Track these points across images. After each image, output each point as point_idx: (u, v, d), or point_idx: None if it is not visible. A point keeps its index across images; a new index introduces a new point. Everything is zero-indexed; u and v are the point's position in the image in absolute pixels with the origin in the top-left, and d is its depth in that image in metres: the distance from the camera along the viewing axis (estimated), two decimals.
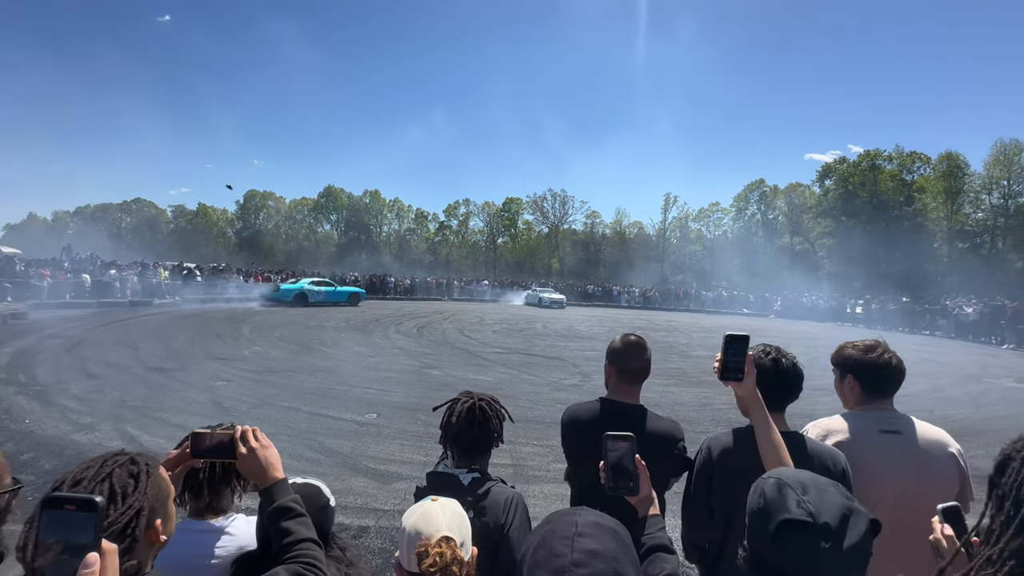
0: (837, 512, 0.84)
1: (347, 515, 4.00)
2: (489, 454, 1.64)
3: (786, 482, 0.91)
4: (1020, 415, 7.86)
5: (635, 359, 1.85)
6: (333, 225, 73.32)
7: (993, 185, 44.14)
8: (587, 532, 0.83)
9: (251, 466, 1.17)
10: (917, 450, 1.62)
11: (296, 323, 16.59)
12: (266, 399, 7.19)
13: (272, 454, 1.20)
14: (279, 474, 1.18)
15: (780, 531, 0.85)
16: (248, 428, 1.21)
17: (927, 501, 1.63)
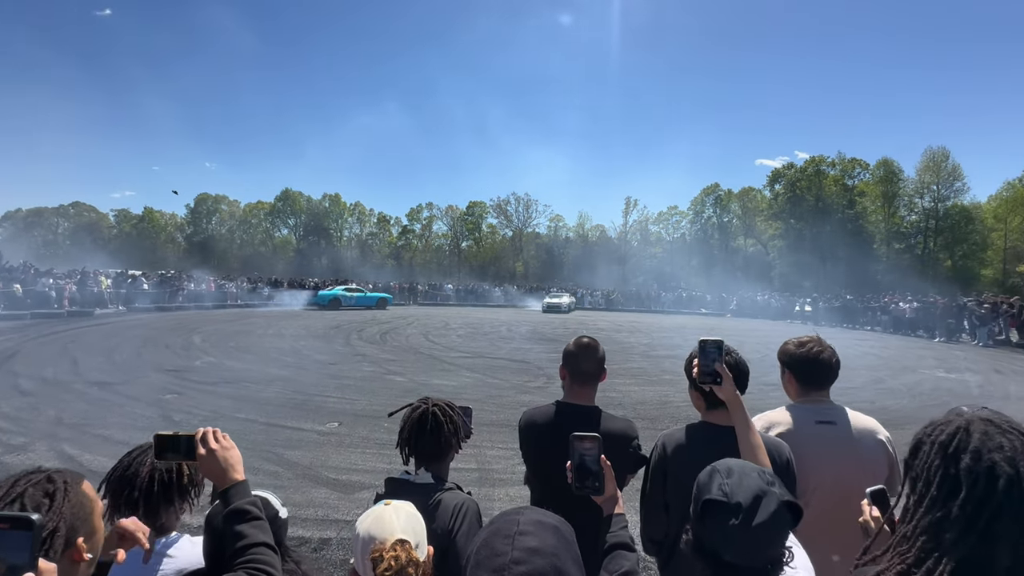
0: (750, 494, 0.91)
1: (308, 528, 3.90)
2: (447, 460, 1.65)
3: (717, 468, 0.99)
4: (951, 403, 8.43)
5: (586, 361, 1.90)
6: (291, 229, 71.19)
7: (924, 190, 47.49)
8: (528, 530, 0.84)
9: (211, 467, 1.15)
10: (850, 438, 1.74)
11: (252, 332, 16.00)
12: (220, 411, 6.91)
13: (233, 455, 1.18)
14: (239, 476, 1.16)
15: (703, 511, 0.93)
16: (210, 429, 1.19)
17: (860, 485, 1.74)
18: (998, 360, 14.03)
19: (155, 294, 25.52)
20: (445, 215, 71.93)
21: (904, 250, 49.41)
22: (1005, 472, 0.75)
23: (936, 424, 0.87)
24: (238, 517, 1.09)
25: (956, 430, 0.82)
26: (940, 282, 44.37)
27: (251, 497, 1.14)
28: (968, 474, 0.78)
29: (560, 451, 1.81)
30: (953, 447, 0.81)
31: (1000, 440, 0.78)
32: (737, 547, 0.90)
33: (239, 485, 1.15)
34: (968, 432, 0.81)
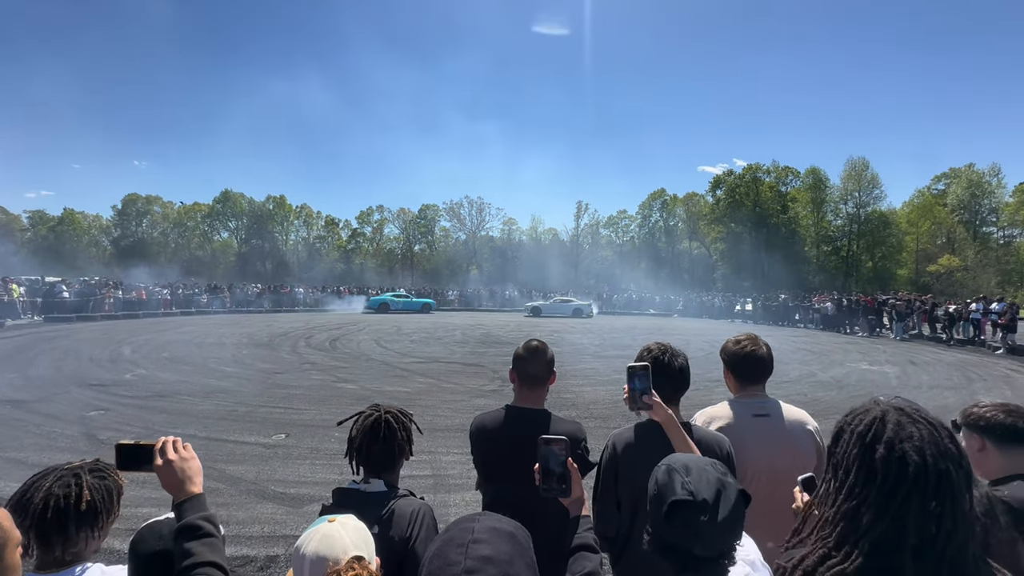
0: (712, 488, 0.97)
1: (253, 546, 3.72)
2: (398, 467, 1.62)
3: (673, 467, 1.03)
4: (874, 393, 9.17)
5: (534, 364, 1.92)
6: (232, 233, 67.61)
7: (848, 196, 51.38)
8: (482, 538, 0.84)
9: (168, 478, 1.12)
10: (783, 429, 1.87)
11: (188, 341, 15.07)
12: (153, 427, 6.46)
13: (192, 466, 1.15)
14: (196, 489, 1.12)
15: (670, 512, 0.96)
16: (171, 438, 1.17)
17: (791, 473, 1.86)
18: (913, 352, 15.37)
19: (77, 303, 23.50)
20: (397, 218, 70.62)
21: (831, 252, 53.22)
22: (914, 460, 0.80)
23: (855, 413, 0.91)
24: (188, 533, 1.04)
25: (872, 420, 0.87)
26: (863, 282, 48.22)
27: (206, 512, 1.09)
28: (883, 463, 0.82)
29: (510, 455, 1.83)
30: (870, 437, 0.85)
31: (911, 430, 0.83)
32: (707, 541, 0.95)
33: (194, 499, 1.10)
34: (883, 422, 0.85)
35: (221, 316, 27.34)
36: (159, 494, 4.35)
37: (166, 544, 1.15)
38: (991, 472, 1.42)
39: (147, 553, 1.15)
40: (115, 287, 27.96)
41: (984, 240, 49.32)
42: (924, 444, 0.81)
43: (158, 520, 1.23)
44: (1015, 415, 1.43)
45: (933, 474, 0.79)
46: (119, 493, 1.34)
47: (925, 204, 50.75)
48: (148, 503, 4.27)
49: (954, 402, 8.52)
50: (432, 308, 32.80)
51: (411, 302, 32.19)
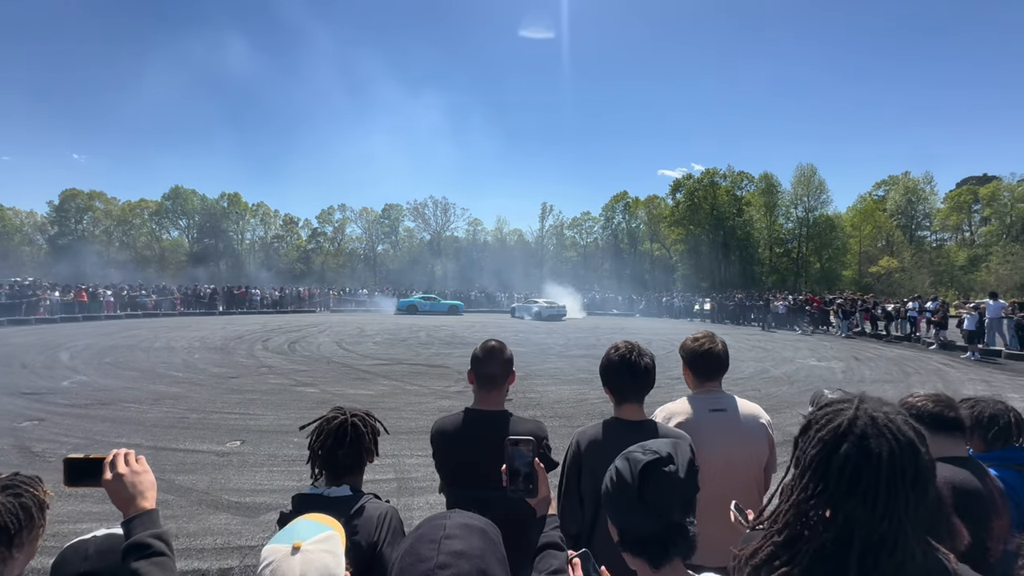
0: (667, 445, 1.02)
1: (205, 559, 3.55)
2: (362, 471, 1.59)
3: (628, 451, 1.05)
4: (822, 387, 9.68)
5: (491, 364, 1.91)
6: (183, 231, 64.47)
7: (798, 201, 53.97)
8: (454, 534, 0.84)
9: (118, 493, 1.06)
10: (738, 423, 1.94)
11: (134, 346, 14.26)
12: (95, 437, 6.07)
13: (144, 480, 1.09)
14: (147, 504, 1.06)
15: (643, 479, 0.97)
16: (122, 451, 1.11)
17: (746, 464, 1.95)
18: (856, 349, 16.29)
19: (8, 305, 21.84)
20: (359, 217, 69.19)
21: (783, 254, 55.76)
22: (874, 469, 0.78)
23: (826, 411, 0.88)
24: (137, 552, 0.98)
25: (841, 422, 0.83)
26: (811, 282, 50.73)
27: (157, 529, 1.03)
28: (840, 466, 0.80)
29: (471, 459, 1.83)
30: (834, 437, 0.82)
31: (875, 443, 0.80)
32: (683, 497, 0.97)
33: (145, 515, 1.04)
34: (852, 424, 0.82)
35: (171, 319, 26.03)
36: (101, 508, 4.09)
37: (91, 565, 1.08)
38: None
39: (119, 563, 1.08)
40: (51, 288, 26.15)
41: (919, 243, 52.95)
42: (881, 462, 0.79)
43: (83, 540, 1.14)
44: (941, 405, 1.56)
45: (887, 483, 0.78)
46: (41, 508, 1.25)
47: (867, 209, 53.98)
48: (90, 518, 4.02)
49: (893, 394, 9.01)
50: (460, 310, 32.82)
51: (437, 304, 32.68)
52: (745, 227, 54.82)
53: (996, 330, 15.10)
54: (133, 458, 1.12)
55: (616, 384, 1.80)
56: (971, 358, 13.99)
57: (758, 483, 1.95)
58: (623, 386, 1.78)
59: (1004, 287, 36.84)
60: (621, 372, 1.77)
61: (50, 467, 5.10)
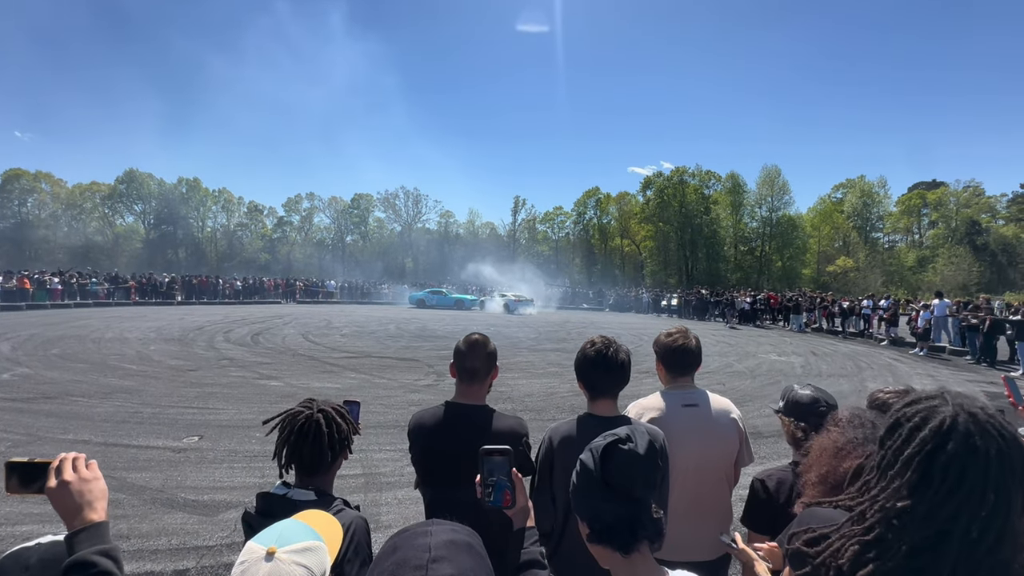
0: (625, 430, 1.03)
1: (159, 560, 3.38)
2: (332, 470, 1.50)
3: (590, 445, 1.05)
4: (781, 381, 10.03)
5: (474, 358, 1.86)
6: (138, 217, 61.44)
7: (762, 201, 55.73)
8: (441, 555, 0.77)
9: (62, 503, 0.96)
10: (710, 418, 1.95)
11: (84, 336, 13.50)
12: (38, 433, 5.71)
13: (93, 489, 0.99)
14: (95, 516, 0.96)
15: (604, 459, 0.98)
16: (70, 456, 1.02)
17: (719, 459, 1.97)
18: (814, 344, 16.97)
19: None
20: (328, 207, 67.55)
21: (747, 252, 57.56)
22: (980, 473, 0.76)
23: (918, 409, 0.84)
24: (78, 571, 0.89)
25: (941, 422, 0.80)
26: (773, 279, 52.57)
27: (105, 544, 0.93)
28: (943, 472, 0.78)
29: (450, 454, 1.78)
30: (934, 439, 0.79)
31: (978, 442, 0.77)
32: (644, 474, 0.96)
33: (91, 528, 0.94)
34: (952, 427, 0.79)
35: (125, 308, 24.80)
36: (44, 509, 3.84)
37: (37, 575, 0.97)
38: None
39: None
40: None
41: (873, 244, 55.53)
42: (990, 462, 0.77)
43: (26, 547, 1.04)
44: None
45: (993, 486, 0.75)
46: None
47: (826, 211, 56.23)
48: (31, 519, 3.77)
49: (848, 388, 9.49)
50: (468, 304, 31.87)
51: (446, 297, 32.40)
52: (712, 225, 56.27)
53: (942, 328, 15.98)
54: (83, 463, 1.03)
55: (591, 379, 1.77)
56: (919, 354, 14.78)
57: (728, 478, 1.97)
58: (598, 381, 1.76)
59: (948, 287, 39.09)
60: (596, 367, 1.75)
61: None
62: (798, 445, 1.68)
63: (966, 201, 51.58)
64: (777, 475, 1.68)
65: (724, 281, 50.36)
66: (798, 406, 1.76)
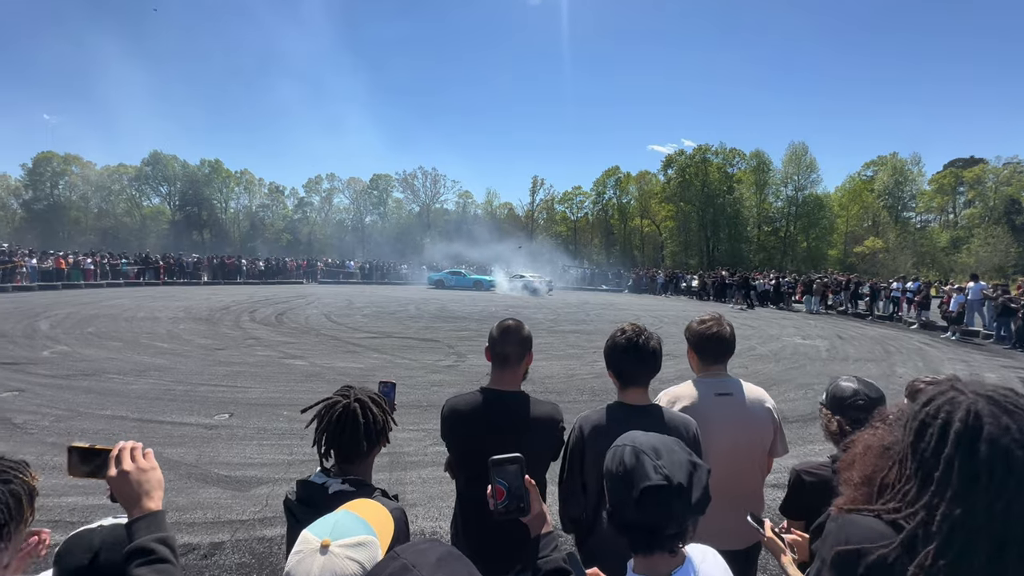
0: (685, 471, 0.97)
1: (195, 533, 3.52)
2: (370, 458, 1.51)
3: (641, 449, 1.00)
4: (806, 365, 9.86)
5: (507, 344, 1.84)
6: (164, 198, 62.69)
7: (788, 179, 54.05)
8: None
9: (121, 491, 0.99)
10: (744, 408, 1.91)
11: (117, 316, 13.97)
12: (78, 408, 5.96)
13: (151, 479, 1.02)
14: (153, 505, 0.99)
15: (643, 496, 0.94)
16: (129, 445, 1.04)
17: (751, 449, 1.93)
18: (840, 327, 16.59)
19: None
20: (347, 187, 67.87)
21: (771, 232, 56.12)
22: (1018, 458, 0.75)
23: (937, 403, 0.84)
24: (138, 557, 0.91)
25: (966, 414, 0.79)
26: (797, 261, 51.28)
27: (162, 533, 0.96)
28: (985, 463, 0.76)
29: (486, 441, 1.77)
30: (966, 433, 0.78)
31: (1006, 421, 0.77)
32: (679, 521, 0.96)
33: (149, 517, 0.97)
34: (978, 416, 0.79)
35: (154, 288, 25.54)
36: None
37: (96, 558, 1.01)
38: None
39: (72, 568, 1.00)
40: (29, 255, 25.40)
41: (904, 224, 53.55)
42: (1015, 434, 0.76)
43: (89, 528, 1.07)
44: None
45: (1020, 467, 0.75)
46: (29, 496, 1.17)
47: (855, 189, 54.28)
48: (75, 491, 3.95)
49: (876, 373, 9.28)
50: (487, 285, 31.79)
51: (464, 278, 32.46)
52: (735, 205, 54.86)
53: (976, 311, 15.44)
54: (140, 453, 1.05)
55: (622, 368, 1.74)
56: (951, 338, 14.34)
57: (761, 468, 1.94)
58: (629, 370, 1.73)
59: (983, 269, 37.56)
60: (627, 355, 1.72)
61: (32, 439, 5.01)
62: (836, 440, 1.63)
63: (1006, 179, 49.10)
64: (819, 472, 1.63)
65: (747, 262, 49.27)
66: (836, 399, 1.71)
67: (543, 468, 1.84)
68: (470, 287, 31.49)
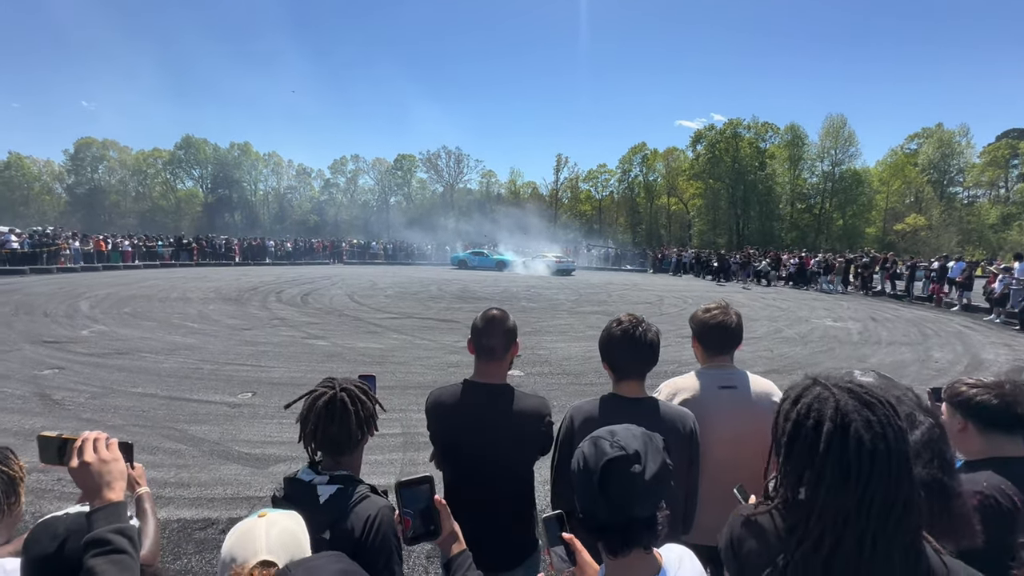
0: (639, 441, 0.98)
1: (216, 508, 3.66)
2: (359, 450, 1.47)
3: (598, 435, 1.01)
4: (835, 348, 9.51)
5: (491, 336, 1.78)
6: (197, 182, 64.42)
7: (825, 154, 51.67)
8: None
9: (83, 481, 1.01)
10: (749, 401, 1.82)
11: (152, 296, 14.52)
12: (112, 386, 6.23)
13: (111, 470, 1.02)
14: (113, 496, 0.99)
15: (604, 474, 0.94)
16: (92, 436, 1.05)
17: (755, 444, 1.84)
18: (874, 308, 15.94)
19: (30, 254, 22.28)
20: (372, 168, 68.32)
21: (804, 210, 54.02)
22: (867, 448, 0.82)
23: (803, 399, 0.91)
24: (94, 547, 0.91)
25: (823, 406, 0.87)
26: (832, 239, 49.35)
27: (120, 524, 0.96)
28: (837, 451, 0.84)
29: (469, 432, 1.75)
30: (823, 423, 0.86)
31: (866, 414, 0.84)
32: (644, 496, 0.93)
33: (109, 508, 0.97)
34: (837, 409, 0.86)
35: (187, 269, 26.44)
36: None
37: (61, 546, 1.02)
38: (969, 452, 1.39)
39: (38, 556, 1.02)
40: (72, 237, 26.57)
41: (950, 200, 50.70)
42: (876, 428, 0.83)
43: (55, 516, 1.09)
44: (1006, 399, 1.34)
45: (883, 459, 0.82)
46: (12, 482, 1.20)
47: (897, 163, 51.52)
48: None
49: (910, 357, 8.90)
50: (508, 265, 31.68)
51: (487, 258, 32.45)
52: (767, 181, 52.94)
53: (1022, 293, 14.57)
54: (103, 444, 1.05)
55: (615, 360, 1.67)
56: (994, 321, 13.61)
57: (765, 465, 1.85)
58: (623, 362, 1.66)
59: None
60: (622, 347, 1.64)
61: (69, 415, 5.27)
62: None
63: None
64: None
65: (778, 241, 47.72)
66: None
67: (529, 463, 1.80)
68: (492, 267, 31.35)
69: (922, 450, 1.02)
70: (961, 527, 1.03)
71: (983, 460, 1.34)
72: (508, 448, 1.70)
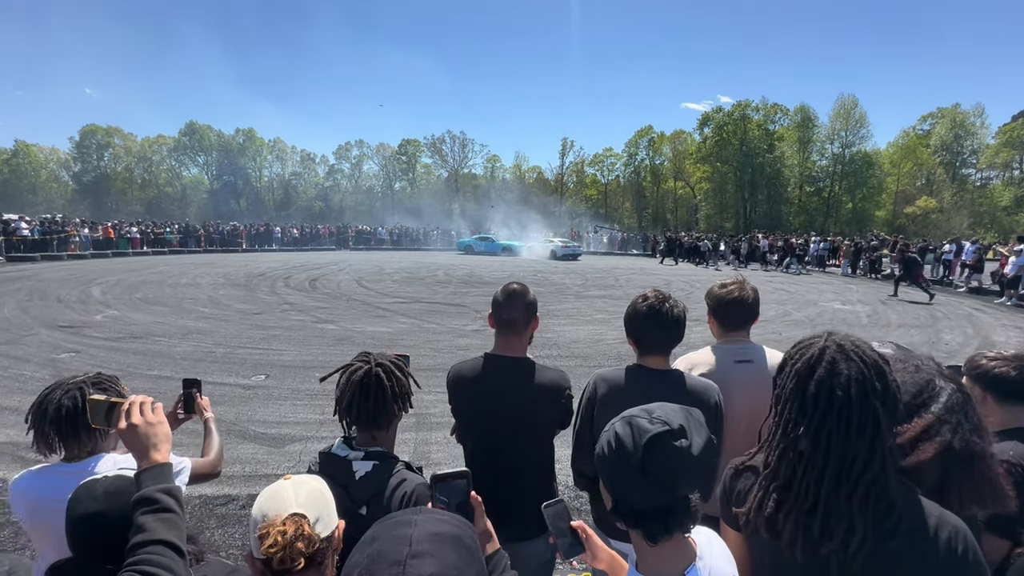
0: (680, 415, 0.92)
1: (235, 485, 3.75)
2: (393, 426, 1.47)
3: (631, 414, 0.94)
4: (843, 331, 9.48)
5: (512, 309, 1.78)
6: (202, 168, 64.39)
7: (835, 136, 50.78)
8: (422, 551, 0.70)
9: (132, 443, 1.05)
10: (765, 375, 1.83)
11: (162, 282, 14.66)
12: (128, 369, 6.34)
13: (158, 432, 1.06)
14: (160, 457, 1.04)
15: (647, 452, 0.86)
16: (138, 399, 1.10)
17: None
18: (883, 292, 15.83)
19: (40, 241, 22.47)
20: (376, 153, 67.96)
21: (813, 193, 53.31)
22: (838, 396, 0.89)
23: (799, 348, 1.01)
24: (143, 505, 0.95)
25: (811, 356, 0.95)
26: (841, 223, 48.79)
27: (167, 484, 1.00)
28: (812, 397, 0.92)
29: (490, 406, 1.78)
30: (805, 371, 0.94)
31: (842, 367, 0.91)
32: (691, 473, 0.88)
33: (156, 468, 1.01)
34: (820, 359, 0.93)
35: (195, 256, 26.61)
36: None
37: (100, 506, 1.07)
38: (990, 424, 1.40)
39: (81, 515, 1.07)
40: (82, 224, 26.75)
41: (962, 182, 49.82)
42: (851, 381, 0.89)
43: (95, 479, 1.14)
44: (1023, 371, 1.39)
45: (856, 409, 0.88)
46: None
47: (909, 145, 50.56)
48: None
49: (919, 339, 8.87)
50: (515, 250, 31.45)
51: (493, 244, 32.61)
52: (775, 164, 52.16)
53: None
54: (149, 408, 1.09)
55: (641, 335, 1.69)
56: (1005, 303, 13.50)
57: None
58: (649, 338, 1.67)
59: None
60: (648, 323, 1.65)
61: None
62: None
63: None
64: None
65: (786, 224, 47.20)
66: None
67: (550, 435, 1.83)
68: (498, 252, 31.34)
69: (947, 415, 1.04)
70: (992, 492, 1.02)
71: (1007, 430, 1.36)
72: (529, 419, 1.73)
